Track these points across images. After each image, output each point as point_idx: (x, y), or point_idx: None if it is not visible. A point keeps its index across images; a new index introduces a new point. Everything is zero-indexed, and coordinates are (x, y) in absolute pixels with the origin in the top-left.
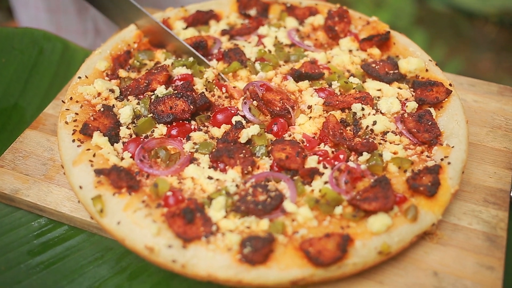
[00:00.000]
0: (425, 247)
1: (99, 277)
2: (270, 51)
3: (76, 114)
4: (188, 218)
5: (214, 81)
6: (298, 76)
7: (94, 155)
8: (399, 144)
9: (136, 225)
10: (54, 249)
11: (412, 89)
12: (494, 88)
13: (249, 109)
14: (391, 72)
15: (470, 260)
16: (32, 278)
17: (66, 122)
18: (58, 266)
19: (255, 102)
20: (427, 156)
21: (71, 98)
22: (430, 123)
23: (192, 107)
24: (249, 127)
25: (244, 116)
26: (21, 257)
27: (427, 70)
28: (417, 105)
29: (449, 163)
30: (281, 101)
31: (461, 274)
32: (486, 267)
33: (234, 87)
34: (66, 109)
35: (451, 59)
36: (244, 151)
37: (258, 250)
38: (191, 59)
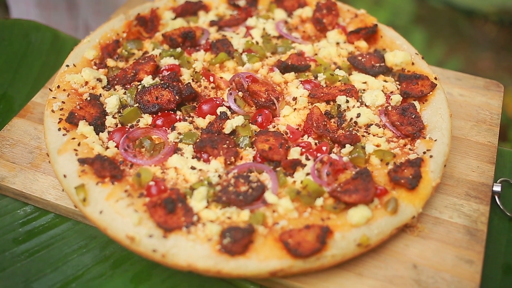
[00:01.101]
0: (405, 240)
1: (82, 266)
2: (257, 43)
3: (63, 102)
4: (169, 208)
5: (201, 71)
6: (284, 68)
7: (79, 144)
8: (382, 136)
9: (118, 215)
10: (39, 237)
11: (397, 82)
12: (480, 83)
13: (235, 100)
14: (377, 65)
15: (450, 254)
16: (16, 265)
17: (53, 111)
18: (42, 254)
19: (240, 93)
20: (410, 149)
21: (58, 87)
22: (413, 116)
23: (177, 97)
24: (234, 118)
25: (229, 107)
26: (6, 244)
27: (413, 64)
28: (402, 98)
29: (431, 156)
30: (266, 93)
31: (440, 267)
32: (465, 261)
33: (220, 77)
34: (53, 98)
35: (450, 58)
36: (228, 142)
37: (237, 241)
38: (179, 49)
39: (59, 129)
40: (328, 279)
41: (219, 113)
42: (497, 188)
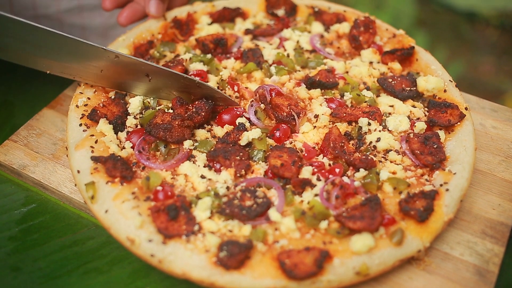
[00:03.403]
0: (410, 273)
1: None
2: (288, 55)
3: (88, 99)
4: (172, 215)
5: (227, 79)
6: (310, 84)
7: (96, 142)
8: (399, 164)
9: (122, 215)
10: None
11: (426, 109)
12: None
13: (255, 112)
14: (408, 89)
15: None
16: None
17: (77, 106)
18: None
19: (262, 106)
20: (426, 180)
21: (86, 82)
22: (435, 146)
23: None
24: (251, 130)
25: (249, 119)
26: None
27: (445, 91)
28: (426, 126)
29: (447, 189)
30: (288, 107)
31: None
32: None
33: (246, 88)
34: (80, 93)
35: (452, 62)
36: (241, 154)
37: (233, 255)
38: (209, 55)
39: (80, 125)
40: None
41: (237, 124)
42: None
